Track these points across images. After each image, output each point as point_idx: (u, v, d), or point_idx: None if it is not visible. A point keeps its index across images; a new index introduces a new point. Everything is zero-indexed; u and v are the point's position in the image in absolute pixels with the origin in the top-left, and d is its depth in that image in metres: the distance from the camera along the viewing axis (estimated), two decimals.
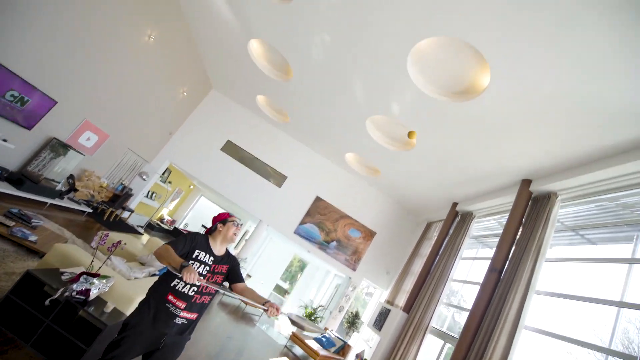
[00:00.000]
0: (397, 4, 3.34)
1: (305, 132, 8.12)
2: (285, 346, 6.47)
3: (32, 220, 4.02)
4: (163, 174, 9.32)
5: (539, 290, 4.01)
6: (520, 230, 4.53)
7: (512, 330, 3.70)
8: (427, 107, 4.51)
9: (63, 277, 2.48)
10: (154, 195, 9.91)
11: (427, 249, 7.15)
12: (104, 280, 2.53)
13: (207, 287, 1.90)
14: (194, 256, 1.93)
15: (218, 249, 2.08)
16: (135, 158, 8.08)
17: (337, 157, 8.37)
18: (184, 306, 1.85)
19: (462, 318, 5.73)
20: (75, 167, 6.41)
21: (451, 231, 6.45)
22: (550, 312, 4.20)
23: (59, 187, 5.99)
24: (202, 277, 1.90)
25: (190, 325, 1.94)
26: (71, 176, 6.27)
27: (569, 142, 3.76)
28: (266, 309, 1.83)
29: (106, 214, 7.27)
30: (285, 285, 18.66)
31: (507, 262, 4.36)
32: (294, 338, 6.36)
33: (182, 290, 1.86)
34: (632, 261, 3.47)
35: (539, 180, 4.58)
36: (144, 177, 7.52)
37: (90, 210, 6.83)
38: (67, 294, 2.28)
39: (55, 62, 4.96)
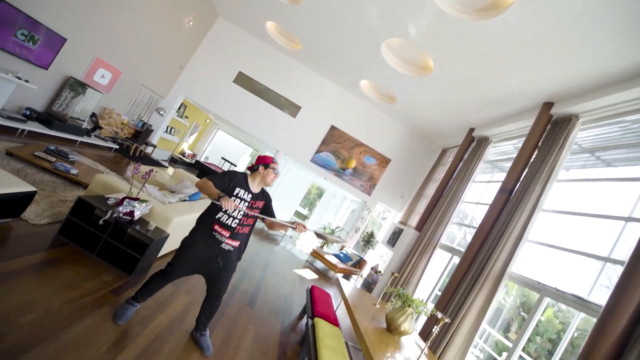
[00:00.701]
0: None
1: (318, 59, 7.78)
2: (307, 261, 7.24)
3: (69, 156, 4.36)
4: (179, 108, 9.43)
5: (547, 209, 4.20)
6: (535, 153, 4.55)
7: (515, 244, 4.00)
8: (446, 28, 4.20)
9: (109, 202, 2.83)
10: (173, 130, 10.20)
11: (440, 174, 7.32)
12: (144, 204, 2.87)
13: (247, 219, 2.19)
14: (235, 193, 2.15)
15: (255, 187, 2.25)
16: (150, 94, 8.14)
17: (351, 85, 8.12)
18: (228, 235, 2.16)
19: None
20: (95, 105, 6.60)
21: (466, 156, 6.51)
22: (558, 229, 4.44)
23: (84, 125, 6.28)
24: (242, 213, 2.15)
25: (236, 251, 2.25)
26: (94, 114, 6.50)
27: (596, 61, 3.54)
28: (294, 227, 2.15)
29: (131, 149, 7.67)
30: (305, 211, 19.82)
31: (518, 184, 4.49)
32: (315, 254, 7.07)
33: (226, 222, 2.14)
34: None
35: (561, 103, 4.41)
36: (161, 112, 7.67)
37: (117, 147, 7.21)
38: (115, 215, 2.64)
39: None
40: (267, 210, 2.32)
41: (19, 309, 1.74)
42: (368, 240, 8.47)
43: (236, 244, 2.22)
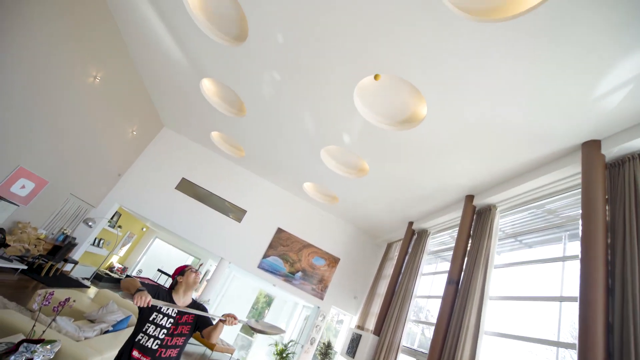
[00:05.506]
0: (339, 49, 3.69)
1: (262, 165, 8.18)
2: None
3: None
4: (112, 218, 8.69)
5: (493, 296, 4.32)
6: (470, 242, 4.91)
7: (475, 337, 3.91)
8: (374, 136, 4.86)
9: None
10: (101, 242, 9.15)
11: (389, 270, 7.35)
12: (49, 346, 2.29)
13: (172, 339, 1.96)
14: (157, 309, 1.99)
15: (182, 300, 2.15)
16: (79, 204, 7.48)
17: (295, 188, 8.48)
18: None
19: (431, 332, 5.88)
20: (7, 219, 5.79)
21: (410, 249, 6.74)
22: (506, 315, 4.51)
23: None
24: (166, 331, 1.95)
25: None
26: (1, 230, 5.63)
27: (499, 159, 4.30)
28: (224, 319, 1.98)
29: (45, 268, 6.55)
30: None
31: (462, 273, 4.67)
32: None
33: (146, 345, 1.88)
34: (564, 259, 3.92)
35: (479, 195, 5.06)
36: (90, 223, 6.96)
37: (25, 267, 6.09)
38: None
39: None
40: (202, 322, 2.14)
41: None
42: (326, 353, 7.61)
43: None
